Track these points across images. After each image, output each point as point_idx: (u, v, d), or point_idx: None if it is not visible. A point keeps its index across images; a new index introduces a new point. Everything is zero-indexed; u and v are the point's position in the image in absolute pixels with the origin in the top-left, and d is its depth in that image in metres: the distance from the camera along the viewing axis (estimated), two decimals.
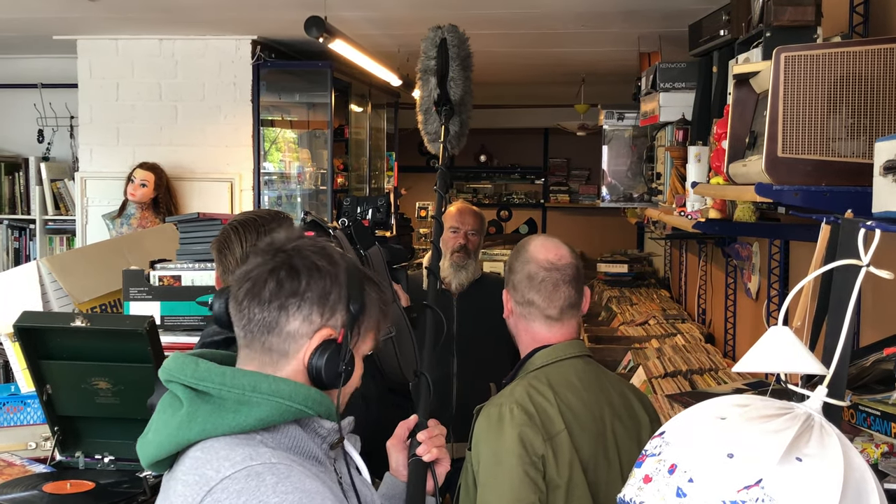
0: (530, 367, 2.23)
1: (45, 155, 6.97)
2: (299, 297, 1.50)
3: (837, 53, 1.85)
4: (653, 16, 5.07)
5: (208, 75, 6.12)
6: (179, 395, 1.49)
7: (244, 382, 1.46)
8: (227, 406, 1.46)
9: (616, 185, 5.24)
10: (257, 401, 1.45)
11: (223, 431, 1.44)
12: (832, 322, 1.35)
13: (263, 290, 1.50)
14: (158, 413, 1.52)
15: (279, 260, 1.51)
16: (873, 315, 2.70)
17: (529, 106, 10.62)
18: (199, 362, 1.49)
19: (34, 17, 5.48)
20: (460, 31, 2.67)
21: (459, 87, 2.62)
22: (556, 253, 2.25)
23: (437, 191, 2.39)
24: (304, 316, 1.50)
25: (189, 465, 1.44)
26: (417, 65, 2.68)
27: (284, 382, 1.48)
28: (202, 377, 1.47)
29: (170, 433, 1.47)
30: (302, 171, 6.69)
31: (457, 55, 2.62)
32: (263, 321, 1.50)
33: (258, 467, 1.40)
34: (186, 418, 1.46)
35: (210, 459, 1.42)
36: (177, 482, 1.45)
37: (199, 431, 1.45)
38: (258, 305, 1.50)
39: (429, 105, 2.65)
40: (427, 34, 2.67)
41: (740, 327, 4.80)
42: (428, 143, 2.70)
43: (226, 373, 1.48)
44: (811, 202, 1.82)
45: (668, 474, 1.14)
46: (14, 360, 2.79)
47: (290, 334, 1.50)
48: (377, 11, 5.15)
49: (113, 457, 2.54)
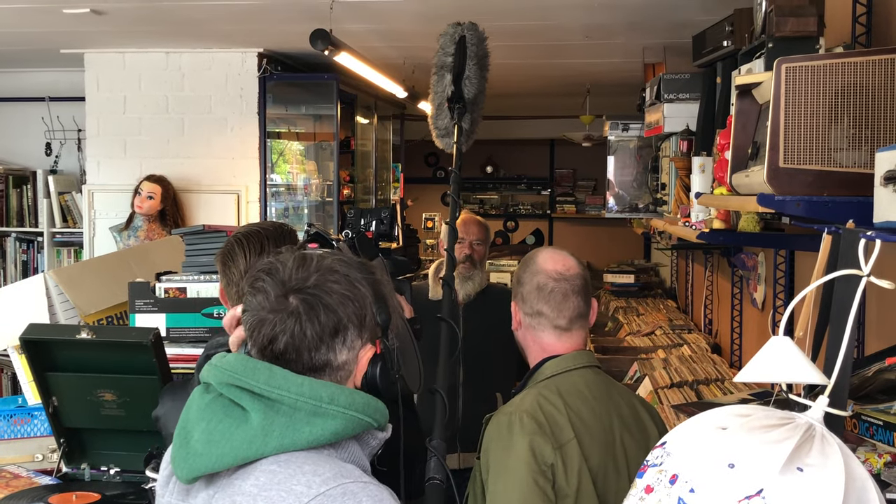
0: (540, 376, 2.23)
1: (52, 168, 7.00)
2: (342, 333, 1.45)
3: (839, 64, 1.85)
4: (657, 27, 5.09)
5: (215, 88, 6.15)
6: (243, 403, 1.39)
7: (323, 394, 1.39)
8: (301, 418, 1.38)
9: (622, 196, 5.24)
10: (333, 413, 1.38)
11: (300, 446, 1.37)
12: (834, 332, 1.35)
13: (305, 339, 1.42)
14: (206, 422, 1.40)
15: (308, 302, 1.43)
16: (877, 326, 2.69)
17: (535, 117, 10.63)
18: (273, 368, 1.41)
19: (42, 31, 5.51)
20: (480, 30, 2.64)
21: (474, 86, 2.60)
22: (565, 264, 2.26)
23: (451, 195, 2.38)
24: (349, 346, 1.46)
25: (267, 480, 1.35)
26: (433, 58, 2.65)
27: (359, 395, 1.43)
28: (278, 385, 1.38)
29: (236, 446, 1.36)
30: (308, 182, 6.71)
31: (475, 54, 2.60)
32: (313, 367, 1.44)
33: (352, 486, 1.34)
34: (261, 431, 1.36)
35: (294, 474, 1.34)
36: (252, 499, 1.34)
37: (276, 446, 1.36)
38: (306, 356, 1.43)
39: (441, 100, 2.63)
40: (446, 30, 2.64)
41: (746, 337, 4.79)
42: (436, 137, 2.68)
43: (304, 382, 1.40)
44: (813, 212, 1.82)
45: (670, 484, 1.14)
46: (21, 373, 2.80)
47: (340, 367, 1.46)
48: (382, 24, 5.17)
49: (118, 468, 2.55)
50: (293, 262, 1.47)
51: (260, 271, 1.47)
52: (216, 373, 1.44)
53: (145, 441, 2.33)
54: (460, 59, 2.57)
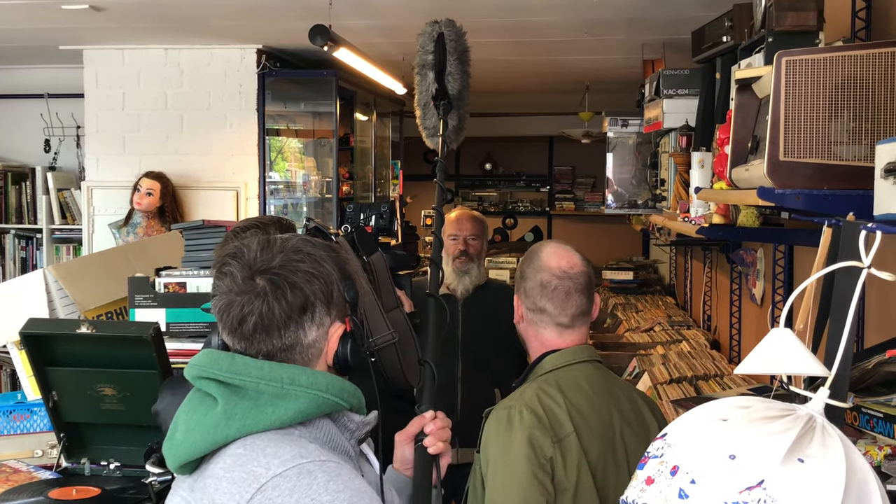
0: (540, 370, 2.23)
1: (51, 165, 7.00)
2: (309, 310, 1.49)
3: (838, 57, 1.85)
4: (656, 23, 5.08)
5: (214, 84, 6.14)
6: (212, 392, 1.46)
7: (283, 375, 1.44)
8: (265, 400, 1.43)
9: (621, 192, 5.24)
10: (296, 394, 1.43)
11: (263, 427, 1.42)
12: (834, 324, 1.35)
13: (273, 318, 1.46)
14: (186, 413, 1.48)
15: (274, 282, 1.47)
16: (877, 319, 2.70)
17: (534, 114, 10.62)
18: (235, 357, 1.47)
19: (40, 28, 5.50)
20: (458, 26, 2.65)
21: (457, 82, 2.60)
22: (569, 261, 2.25)
23: (437, 182, 2.39)
24: (318, 323, 1.50)
25: (232, 462, 1.41)
26: (415, 59, 2.66)
27: (322, 375, 1.47)
28: (239, 371, 1.45)
29: (205, 432, 1.43)
30: (307, 179, 6.70)
31: (454, 49, 2.61)
32: (283, 347, 1.48)
33: (309, 465, 1.38)
34: (224, 416, 1.43)
35: (256, 456, 1.40)
36: (218, 480, 1.40)
37: (238, 428, 1.42)
38: (276, 335, 1.47)
39: (427, 100, 2.63)
40: (424, 28, 2.65)
41: (745, 333, 4.79)
42: (426, 137, 2.69)
43: (263, 366, 1.45)
44: (813, 205, 1.82)
45: (671, 476, 1.14)
46: (21, 368, 2.80)
47: (310, 345, 1.50)
48: (382, 20, 5.16)
49: (118, 463, 2.55)
50: (258, 245, 1.51)
51: (226, 256, 1.52)
52: (189, 368, 1.51)
53: (145, 435, 2.32)
54: (441, 56, 2.58)
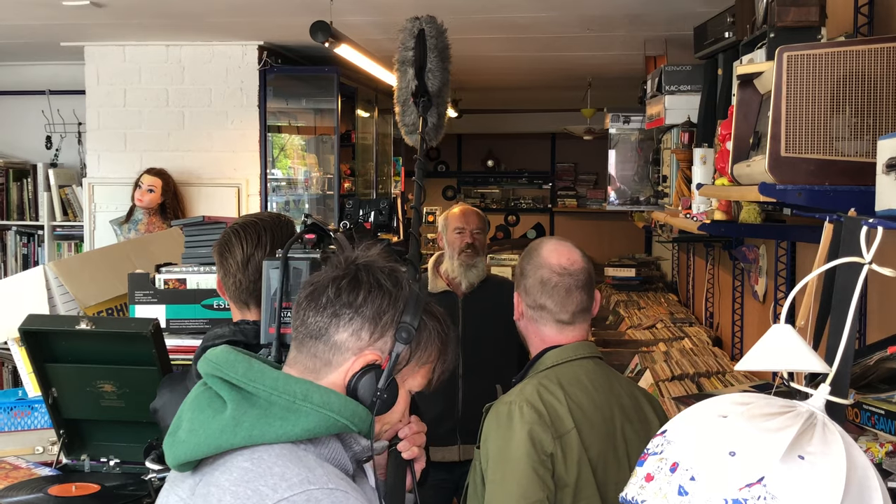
0: (540, 366, 2.22)
1: (53, 161, 7.00)
2: (353, 310, 1.47)
3: (840, 53, 1.84)
4: (658, 20, 5.08)
5: (215, 81, 6.14)
6: (223, 394, 1.43)
7: (296, 390, 1.41)
8: (275, 412, 1.40)
9: (623, 189, 5.23)
10: (306, 410, 1.40)
11: (269, 439, 1.39)
12: (835, 320, 1.34)
13: (322, 296, 1.47)
14: (192, 411, 1.44)
15: (345, 270, 1.50)
16: (879, 316, 2.69)
17: (536, 110, 10.62)
18: (253, 361, 1.44)
19: (42, 24, 5.50)
20: (438, 23, 2.64)
21: (437, 79, 2.59)
22: (569, 258, 2.24)
23: (415, 181, 2.38)
24: (354, 330, 1.47)
25: (238, 477, 1.37)
26: (395, 55, 2.65)
27: (335, 395, 1.43)
28: (254, 378, 1.42)
29: (210, 435, 1.40)
30: (309, 176, 6.70)
31: (435, 46, 2.59)
32: (314, 325, 1.47)
33: (317, 493, 1.35)
34: (232, 422, 1.39)
35: (263, 474, 1.36)
36: (223, 491, 1.37)
37: (245, 437, 1.39)
38: (314, 310, 1.48)
39: (406, 96, 2.62)
40: (404, 25, 2.64)
41: (748, 330, 4.79)
42: (405, 134, 2.68)
43: (279, 377, 1.43)
44: (815, 201, 1.82)
45: (670, 473, 1.13)
46: (21, 365, 2.80)
47: (336, 345, 1.47)
48: (383, 16, 5.16)
49: (118, 459, 2.55)
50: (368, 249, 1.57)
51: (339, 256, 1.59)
52: (203, 364, 1.48)
53: (145, 432, 2.32)
54: (421, 52, 2.57)
